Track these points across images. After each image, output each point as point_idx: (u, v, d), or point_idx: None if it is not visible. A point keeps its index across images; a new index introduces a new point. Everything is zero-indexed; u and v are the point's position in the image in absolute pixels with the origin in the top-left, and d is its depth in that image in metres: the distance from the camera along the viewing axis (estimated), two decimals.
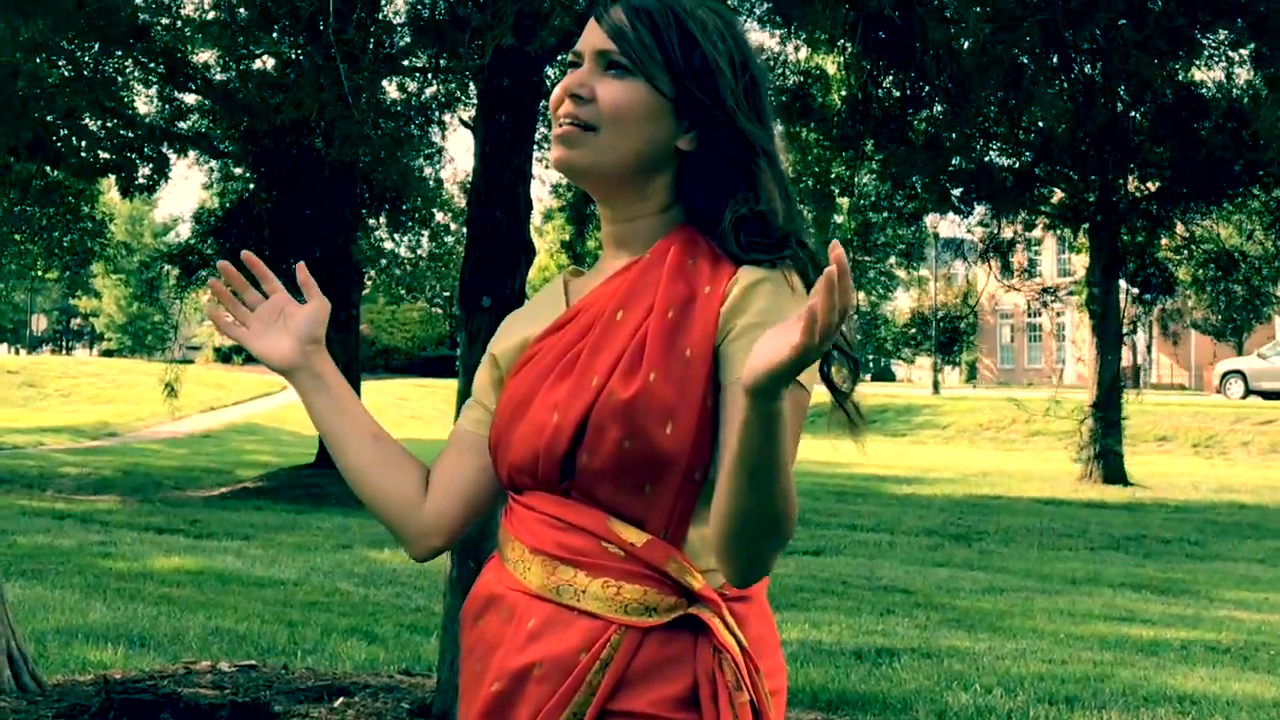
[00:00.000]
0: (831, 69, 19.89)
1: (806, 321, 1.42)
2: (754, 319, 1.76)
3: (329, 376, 2.05)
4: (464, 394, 7.81)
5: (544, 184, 28.26)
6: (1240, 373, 39.50)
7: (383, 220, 23.11)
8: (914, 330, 43.40)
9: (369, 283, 27.32)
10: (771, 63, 19.17)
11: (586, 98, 1.85)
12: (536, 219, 41.18)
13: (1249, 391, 38.62)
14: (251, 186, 19.75)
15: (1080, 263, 26.98)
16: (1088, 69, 19.92)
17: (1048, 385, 46.26)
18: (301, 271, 2.08)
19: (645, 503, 1.76)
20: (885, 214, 24.40)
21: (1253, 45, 17.52)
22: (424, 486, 2.01)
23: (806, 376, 1.73)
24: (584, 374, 1.79)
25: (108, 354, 71.41)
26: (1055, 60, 18.10)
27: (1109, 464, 21.56)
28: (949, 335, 26.55)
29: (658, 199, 1.90)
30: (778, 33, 18.01)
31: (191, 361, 54.82)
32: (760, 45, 18.85)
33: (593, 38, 1.87)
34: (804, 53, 19.78)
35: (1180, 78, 19.29)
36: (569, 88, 1.86)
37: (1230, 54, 18.46)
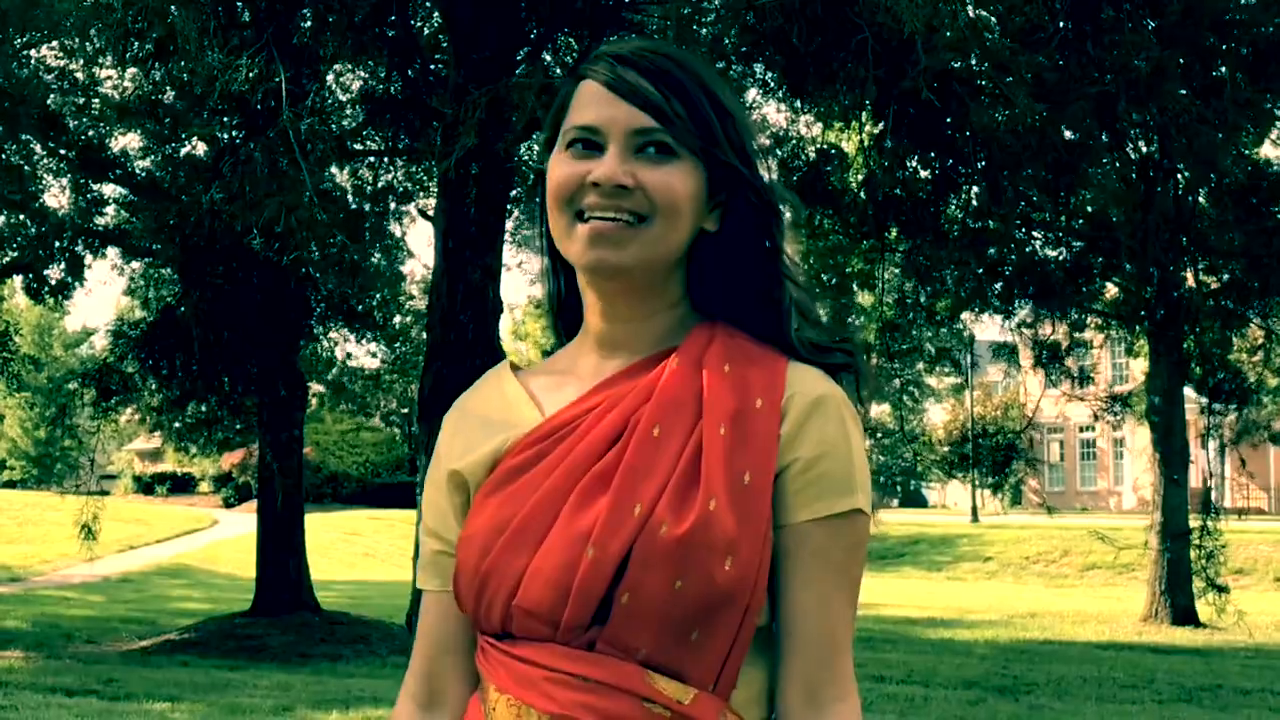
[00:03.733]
0: (849, 148, 20.05)
1: None
2: (815, 449, 1.82)
3: None
4: None
5: (525, 275, 28.24)
6: None
7: (333, 327, 23.18)
8: (956, 450, 43.35)
9: (314, 400, 27.29)
10: (780, 139, 19.36)
11: (631, 187, 1.83)
12: (508, 322, 41.32)
13: None
14: (178, 290, 19.79)
15: (1139, 368, 27.06)
16: (1143, 146, 20.14)
17: (1104, 510, 46.25)
18: None
19: (690, 651, 1.75)
20: (912, 314, 24.48)
21: None
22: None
23: (866, 501, 1.85)
24: (622, 500, 1.75)
25: (10, 485, 71.12)
26: (1105, 137, 18.32)
27: (1177, 602, 21.43)
28: (1003, 455, 26.34)
29: (673, 292, 1.93)
30: (784, 106, 18.21)
31: (108, 493, 54.69)
32: (764, 118, 19.00)
33: (618, 112, 1.86)
34: (817, 129, 19.97)
35: (1250, 154, 19.48)
36: (608, 178, 1.83)
37: None
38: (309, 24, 11.42)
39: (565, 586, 1.74)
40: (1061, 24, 15.98)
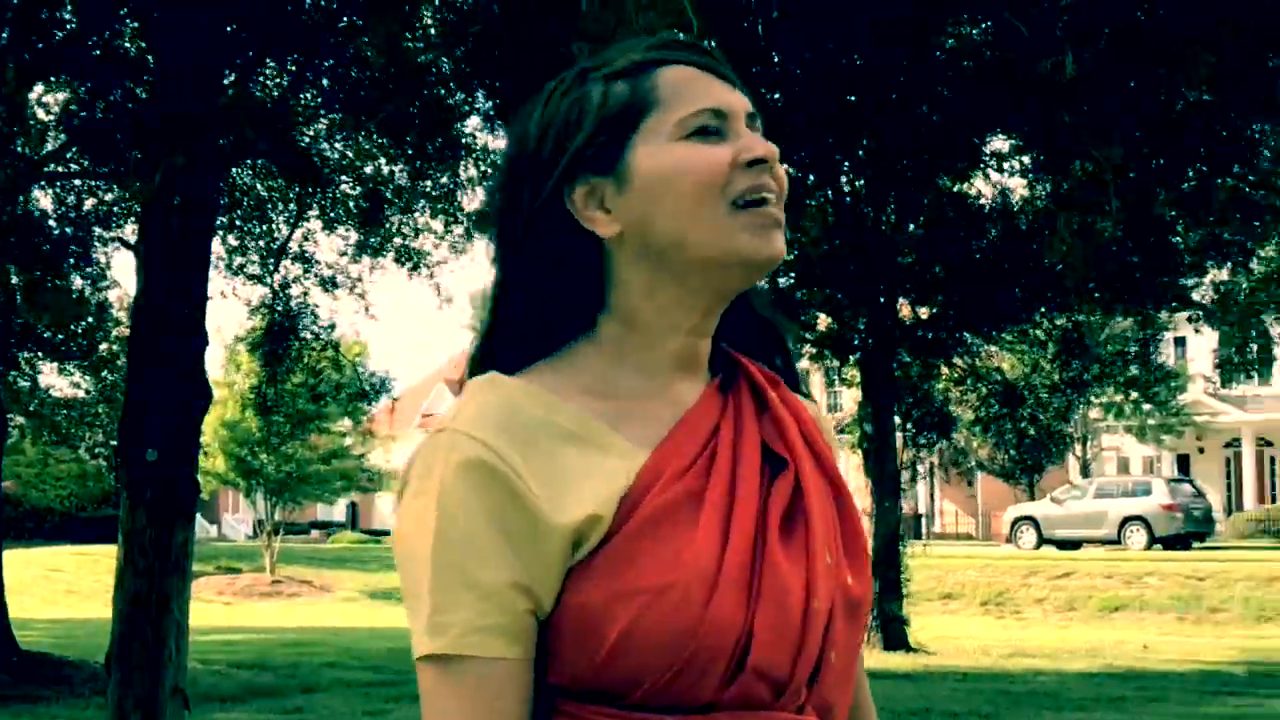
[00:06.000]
0: None
1: None
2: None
3: None
4: (129, 563, 7.48)
5: (239, 303, 27.43)
6: (1033, 519, 40.73)
7: (35, 354, 22.45)
8: None
9: (14, 431, 26.34)
10: (491, 160, 19.34)
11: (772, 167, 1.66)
12: (218, 353, 40.44)
13: (1042, 541, 39.87)
14: None
15: (852, 397, 27.70)
16: (851, 179, 20.60)
17: None
18: None
19: (845, 710, 1.69)
20: None
21: (1034, 154, 18.46)
22: None
23: None
24: (817, 549, 1.62)
25: None
26: (810, 165, 18.73)
27: (889, 628, 21.93)
28: None
29: None
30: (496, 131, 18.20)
31: None
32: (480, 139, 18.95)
33: (730, 95, 1.68)
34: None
35: (956, 188, 20.09)
36: (770, 152, 1.65)
37: (1007, 164, 19.30)
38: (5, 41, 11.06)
39: (797, 642, 1.57)
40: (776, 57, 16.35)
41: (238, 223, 17.89)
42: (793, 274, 21.35)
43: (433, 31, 15.23)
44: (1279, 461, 52.31)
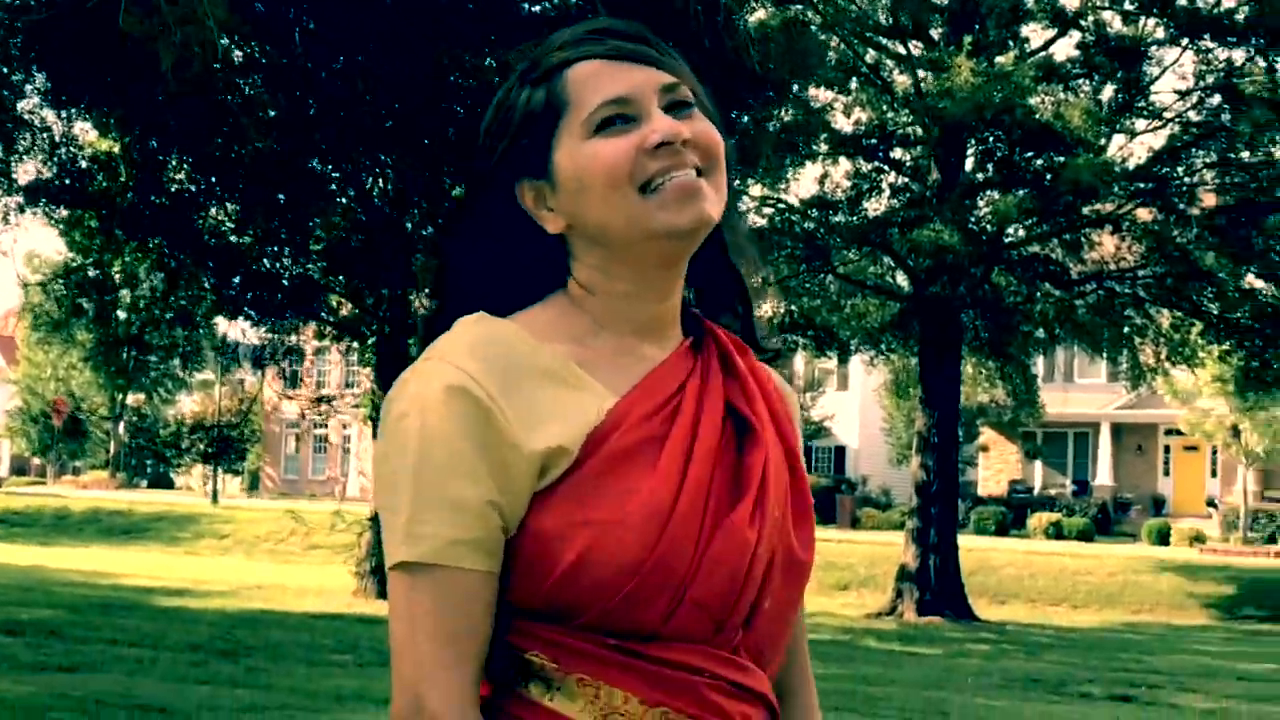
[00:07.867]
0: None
1: None
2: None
3: None
4: None
5: None
6: None
7: None
8: (187, 438, 43.44)
9: None
10: (62, 145, 19.00)
11: (688, 139, 1.60)
12: None
13: None
14: None
15: (367, 374, 28.20)
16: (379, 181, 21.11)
17: (331, 498, 47.43)
18: None
19: (779, 659, 1.68)
20: (169, 313, 24.54)
21: None
22: None
23: None
24: (769, 502, 1.60)
25: None
26: (348, 168, 19.18)
27: (383, 579, 22.48)
28: (220, 444, 26.95)
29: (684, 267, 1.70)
30: (61, 114, 17.93)
31: None
32: (44, 119, 18.57)
33: (639, 76, 1.62)
34: (92, 135, 19.73)
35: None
36: (674, 133, 1.59)
37: None
38: None
39: (739, 584, 1.56)
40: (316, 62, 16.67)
41: None
42: (322, 263, 21.69)
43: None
44: None
